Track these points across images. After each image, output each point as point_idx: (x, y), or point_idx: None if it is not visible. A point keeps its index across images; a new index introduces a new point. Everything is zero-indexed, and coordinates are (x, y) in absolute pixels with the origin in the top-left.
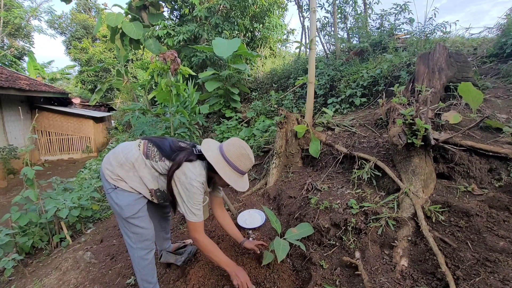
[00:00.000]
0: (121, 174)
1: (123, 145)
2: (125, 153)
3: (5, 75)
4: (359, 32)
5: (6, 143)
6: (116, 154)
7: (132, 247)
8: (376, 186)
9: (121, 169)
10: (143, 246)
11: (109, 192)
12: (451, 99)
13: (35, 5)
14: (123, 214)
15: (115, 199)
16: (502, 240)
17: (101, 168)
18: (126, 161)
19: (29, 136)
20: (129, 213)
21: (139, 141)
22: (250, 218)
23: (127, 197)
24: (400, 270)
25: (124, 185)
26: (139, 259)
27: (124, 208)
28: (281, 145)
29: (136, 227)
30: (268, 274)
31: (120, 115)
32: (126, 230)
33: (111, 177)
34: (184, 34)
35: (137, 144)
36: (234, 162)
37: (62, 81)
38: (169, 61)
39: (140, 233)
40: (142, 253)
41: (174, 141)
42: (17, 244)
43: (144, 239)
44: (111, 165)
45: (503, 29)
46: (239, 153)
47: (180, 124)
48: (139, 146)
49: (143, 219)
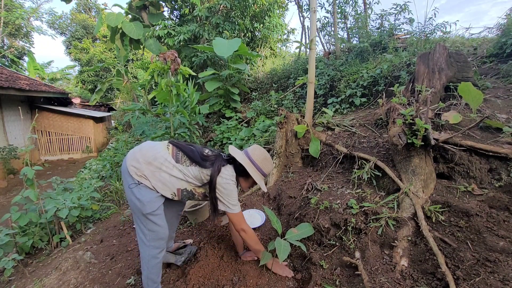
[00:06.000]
0: (147, 173)
1: (150, 144)
2: (154, 152)
3: (5, 75)
4: (359, 32)
5: (6, 143)
6: (144, 151)
7: (145, 245)
8: (376, 186)
9: (148, 167)
10: (156, 244)
11: (131, 187)
12: (451, 99)
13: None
14: (144, 210)
15: (137, 194)
16: (502, 240)
17: (124, 164)
18: (155, 160)
19: (29, 136)
20: (150, 209)
21: (167, 144)
22: (250, 218)
23: (149, 193)
24: (400, 270)
25: (148, 183)
26: (150, 257)
27: (146, 204)
28: (281, 145)
29: (153, 225)
30: (268, 274)
31: (120, 115)
32: (143, 227)
33: (136, 173)
34: (185, 34)
35: (165, 146)
36: (260, 165)
37: (62, 81)
38: (169, 61)
39: (156, 230)
40: (154, 252)
41: (201, 149)
42: (17, 244)
43: (159, 237)
44: (138, 162)
45: (503, 29)
46: (263, 157)
47: (180, 124)
48: (168, 148)
49: (161, 217)
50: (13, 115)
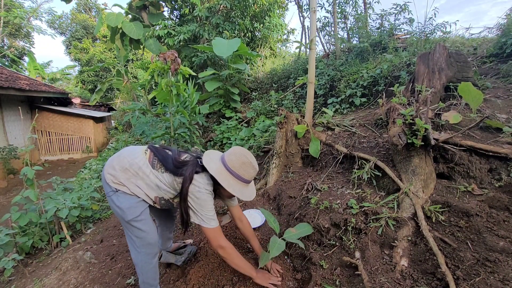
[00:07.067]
0: (123, 180)
1: (128, 150)
2: (131, 158)
3: (5, 75)
4: (359, 32)
5: (6, 143)
6: (121, 158)
7: (137, 251)
8: (376, 186)
9: (124, 174)
10: (147, 250)
11: (110, 195)
12: (451, 99)
13: (35, 6)
14: (125, 217)
15: (116, 201)
16: (502, 240)
17: (102, 172)
18: (131, 167)
19: (29, 136)
20: (131, 215)
21: (145, 148)
22: (250, 218)
23: (128, 200)
24: (400, 270)
25: (125, 189)
26: (143, 263)
27: (126, 211)
28: (281, 145)
29: (139, 231)
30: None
31: (120, 115)
32: (130, 234)
33: (113, 181)
34: (185, 34)
35: (143, 151)
36: (237, 171)
37: (62, 81)
38: (169, 61)
39: (143, 237)
40: (146, 258)
41: (177, 156)
42: (17, 244)
43: (147, 243)
44: (114, 169)
45: (503, 29)
46: (241, 162)
47: (180, 124)
48: (146, 153)
49: (145, 222)
50: (13, 115)
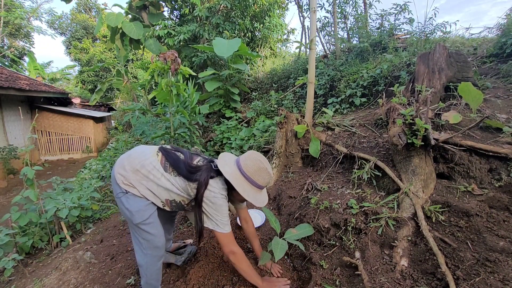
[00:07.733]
0: (133, 181)
1: (139, 150)
2: (142, 159)
3: (5, 75)
4: (359, 32)
5: (6, 143)
6: (132, 158)
7: (143, 254)
8: (376, 186)
9: (135, 175)
10: (154, 253)
11: (119, 196)
12: (451, 99)
13: (35, 6)
14: (133, 219)
15: (125, 203)
16: (502, 240)
17: (112, 171)
18: (142, 168)
19: (29, 136)
20: (140, 218)
21: (157, 150)
22: None
23: (138, 202)
24: (400, 270)
25: (135, 191)
26: (149, 265)
27: (134, 213)
28: (281, 145)
29: (147, 234)
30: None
31: (120, 115)
32: (138, 236)
33: (123, 181)
34: (185, 34)
35: (155, 152)
36: (252, 177)
37: (62, 81)
38: (169, 61)
39: (151, 239)
40: (152, 260)
41: (189, 160)
42: (17, 244)
43: (154, 245)
44: (125, 169)
45: (503, 29)
46: (257, 167)
47: (180, 124)
48: (157, 155)
49: (154, 225)
50: (13, 115)
